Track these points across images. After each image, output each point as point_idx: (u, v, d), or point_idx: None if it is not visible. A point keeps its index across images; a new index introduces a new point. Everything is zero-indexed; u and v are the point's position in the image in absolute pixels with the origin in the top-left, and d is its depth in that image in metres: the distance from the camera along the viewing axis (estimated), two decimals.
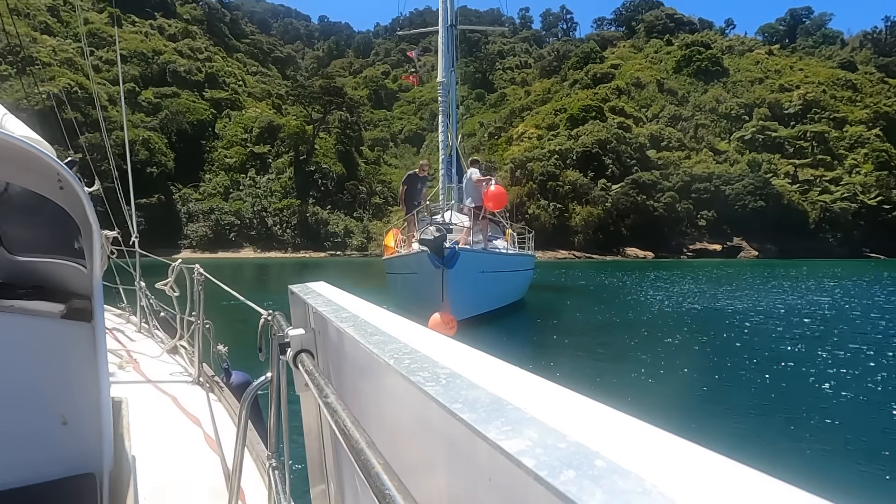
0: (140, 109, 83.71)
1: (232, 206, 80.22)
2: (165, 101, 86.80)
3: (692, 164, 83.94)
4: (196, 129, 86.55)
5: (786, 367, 8.71)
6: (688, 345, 10.82)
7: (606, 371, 8.55)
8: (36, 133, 2.16)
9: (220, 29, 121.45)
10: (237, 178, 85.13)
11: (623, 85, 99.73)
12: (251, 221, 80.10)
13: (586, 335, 12.09)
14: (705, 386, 7.71)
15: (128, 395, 3.20)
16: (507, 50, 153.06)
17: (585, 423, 0.48)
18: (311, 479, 1.59)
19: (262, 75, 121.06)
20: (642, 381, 7.78)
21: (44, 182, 2.07)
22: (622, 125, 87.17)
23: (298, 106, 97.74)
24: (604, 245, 75.60)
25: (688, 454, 0.41)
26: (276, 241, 79.98)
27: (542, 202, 75.94)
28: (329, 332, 1.32)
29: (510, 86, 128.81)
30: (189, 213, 78.79)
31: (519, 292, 17.05)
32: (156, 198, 72.71)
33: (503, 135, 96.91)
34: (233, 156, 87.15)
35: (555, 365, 9.05)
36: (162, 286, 4.28)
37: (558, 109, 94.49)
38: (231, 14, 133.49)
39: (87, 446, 2.25)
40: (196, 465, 2.62)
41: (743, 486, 0.36)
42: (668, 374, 8.28)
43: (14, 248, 2.46)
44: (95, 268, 2.18)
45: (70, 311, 2.27)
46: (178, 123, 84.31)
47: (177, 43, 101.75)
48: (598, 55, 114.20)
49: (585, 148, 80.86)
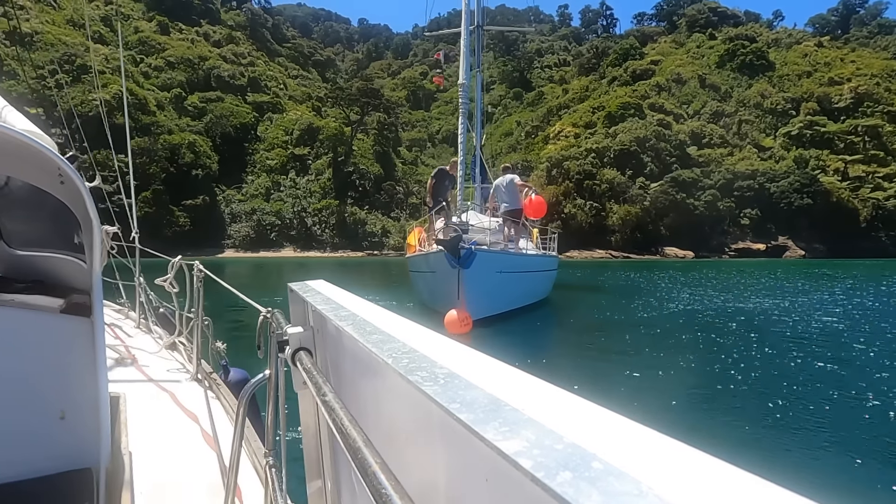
0: (186, 114, 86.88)
1: (273, 207, 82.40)
2: (210, 105, 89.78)
3: (735, 162, 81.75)
4: (239, 132, 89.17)
5: (824, 383, 7.65)
6: (711, 349, 10.21)
7: (614, 371, 8.48)
8: (39, 128, 2.17)
9: (263, 34, 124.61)
10: (278, 179, 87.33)
11: (663, 81, 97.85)
12: (291, 221, 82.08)
13: (602, 335, 12.01)
14: (724, 393, 7.13)
15: (126, 391, 3.29)
16: (546, 48, 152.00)
17: (583, 424, 0.48)
18: (307, 476, 1.58)
19: (303, 78, 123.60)
20: (651, 382, 7.68)
21: (44, 176, 2.07)
22: (662, 122, 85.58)
23: (337, 108, 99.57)
24: (642, 245, 74.48)
25: (684, 457, 0.41)
26: (315, 240, 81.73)
27: (579, 201, 75.35)
28: (328, 331, 1.31)
29: (548, 84, 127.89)
30: (232, 213, 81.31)
31: (541, 292, 17.12)
32: (200, 199, 75.32)
33: (540, 133, 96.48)
34: (274, 158, 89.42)
35: (563, 364, 9.14)
36: (161, 282, 4.29)
37: (596, 107, 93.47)
38: (273, 19, 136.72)
39: (84, 441, 2.26)
40: (193, 461, 2.61)
41: (739, 490, 0.36)
42: (680, 376, 8.04)
43: (14, 242, 2.49)
44: (95, 263, 2.19)
45: (69, 305, 2.28)
46: (222, 127, 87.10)
47: (221, 49, 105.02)
48: (638, 51, 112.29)
49: (623, 146, 79.78)
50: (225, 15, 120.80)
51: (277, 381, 1.41)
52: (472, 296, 11.64)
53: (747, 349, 10.04)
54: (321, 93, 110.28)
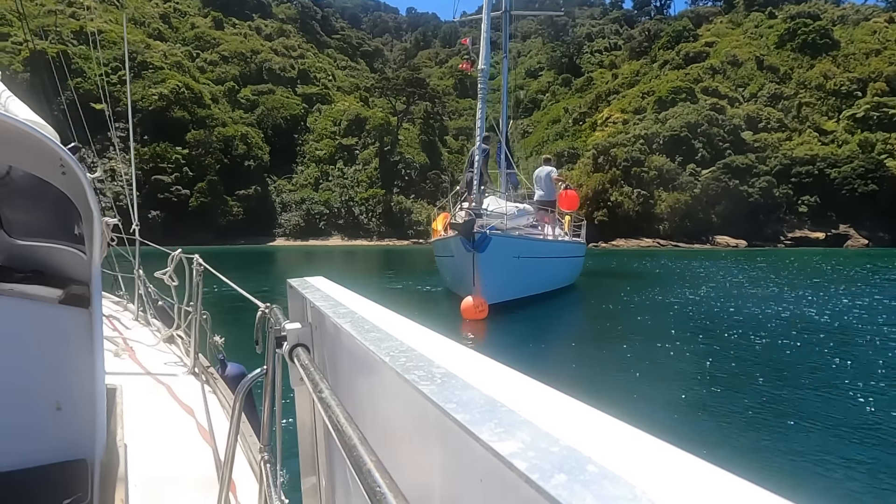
0: (239, 106, 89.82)
1: (321, 197, 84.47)
2: (262, 97, 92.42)
3: (793, 146, 78.14)
4: (289, 123, 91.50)
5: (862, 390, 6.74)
6: (742, 346, 9.32)
7: (620, 363, 8.26)
8: (40, 118, 2.17)
9: (312, 26, 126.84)
10: (326, 169, 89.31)
11: (718, 64, 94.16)
12: (339, 211, 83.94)
13: (621, 324, 11.71)
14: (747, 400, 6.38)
15: (122, 383, 3.28)
16: (596, 32, 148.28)
17: (579, 427, 0.48)
18: (302, 472, 1.60)
19: (351, 69, 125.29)
20: (652, 375, 7.40)
21: (46, 166, 2.07)
22: (715, 106, 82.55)
23: (384, 98, 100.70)
24: (691, 233, 72.48)
25: (679, 462, 0.41)
26: (362, 229, 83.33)
27: (626, 189, 73.89)
28: (326, 328, 1.32)
29: (597, 69, 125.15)
30: (283, 203, 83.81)
31: (565, 279, 17.16)
32: (253, 189, 77.90)
33: (587, 120, 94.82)
34: (322, 148, 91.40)
35: (573, 354, 9.15)
36: (161, 275, 4.30)
37: (646, 92, 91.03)
38: (322, 11, 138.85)
39: (79, 433, 2.25)
40: (188, 455, 2.61)
41: (732, 496, 0.36)
42: (684, 369, 7.71)
43: (14, 232, 2.49)
44: (95, 254, 2.20)
45: (68, 296, 2.28)
46: (273, 119, 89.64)
47: (273, 42, 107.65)
48: (692, 33, 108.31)
49: (673, 132, 77.59)
50: (276, 8, 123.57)
51: (274, 377, 1.41)
52: (488, 280, 11.69)
53: (792, 350, 9.12)
54: (368, 83, 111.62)
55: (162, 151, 70.52)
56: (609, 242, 71.57)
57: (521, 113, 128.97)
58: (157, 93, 73.22)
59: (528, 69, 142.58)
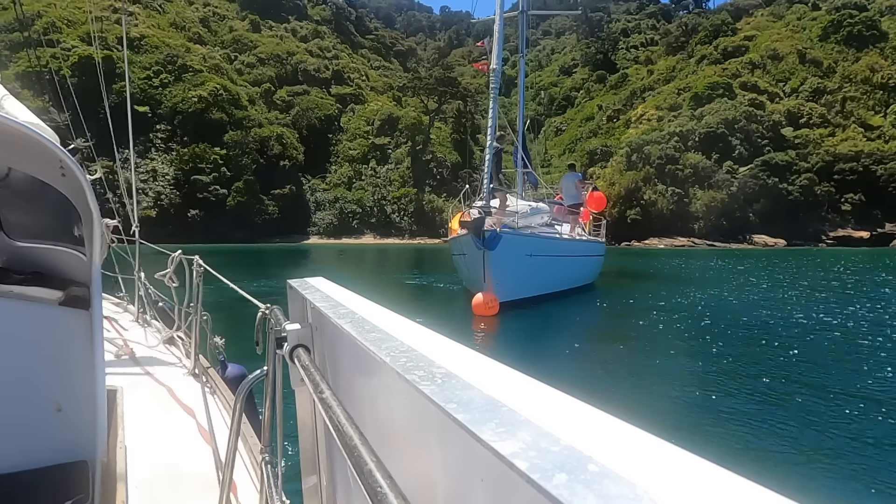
0: (275, 107, 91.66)
1: (354, 196, 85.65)
2: (297, 98, 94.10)
3: (836, 143, 75.59)
4: (323, 123, 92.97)
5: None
6: (761, 352, 8.81)
7: (630, 364, 8.24)
8: (39, 119, 2.17)
9: (347, 27, 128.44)
10: (359, 168, 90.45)
11: (757, 58, 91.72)
12: (371, 209, 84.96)
13: (635, 324, 11.60)
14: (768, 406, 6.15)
15: (123, 385, 3.30)
16: (632, 27, 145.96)
17: (579, 427, 0.48)
18: (303, 473, 1.59)
19: (385, 69, 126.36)
20: (656, 377, 7.27)
21: (45, 168, 2.06)
22: (754, 102, 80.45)
23: (416, 97, 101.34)
24: (728, 232, 70.90)
25: (680, 461, 0.41)
26: (394, 227, 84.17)
27: (660, 187, 72.78)
28: (326, 328, 1.31)
29: (633, 65, 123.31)
30: (317, 202, 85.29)
31: (582, 277, 17.17)
32: (288, 188, 79.49)
33: (621, 117, 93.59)
34: (356, 148, 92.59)
35: (579, 355, 9.18)
36: (161, 277, 4.28)
37: (682, 88, 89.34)
38: (357, 12, 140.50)
39: (80, 434, 2.25)
40: (189, 456, 2.60)
41: (733, 494, 0.36)
42: (688, 374, 7.49)
43: (14, 234, 2.49)
44: (95, 256, 2.20)
45: (68, 298, 2.29)
46: (307, 119, 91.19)
47: (308, 43, 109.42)
48: (731, 27, 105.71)
49: (710, 128, 75.99)
50: (312, 10, 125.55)
51: (275, 378, 1.41)
52: (499, 278, 11.86)
53: (832, 358, 8.47)
54: (401, 83, 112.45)
55: (201, 152, 72.57)
56: (642, 241, 70.65)
57: (555, 110, 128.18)
58: (197, 95, 75.40)
59: (562, 66, 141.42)
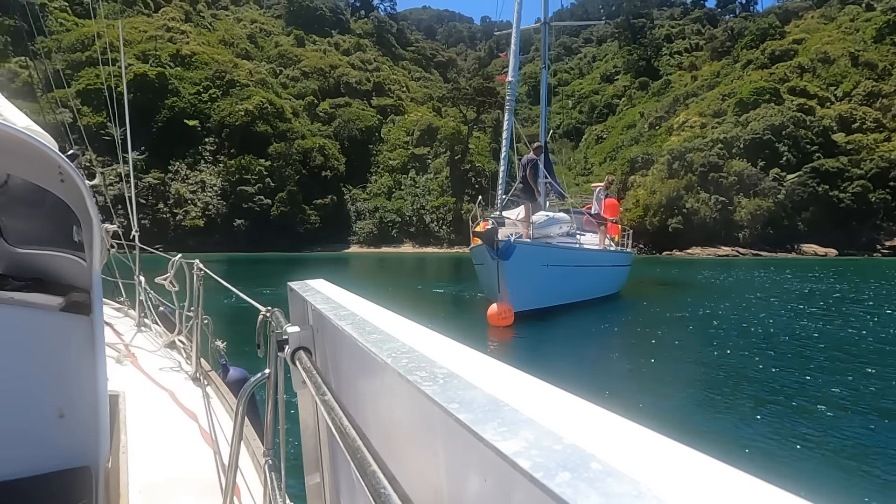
0: (317, 119, 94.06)
1: (394, 205, 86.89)
2: (339, 110, 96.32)
3: (892, 148, 72.33)
4: (364, 134, 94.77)
5: None
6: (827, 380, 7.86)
7: (637, 375, 8.13)
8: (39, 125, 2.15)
9: (388, 39, 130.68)
10: (399, 178, 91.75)
11: (807, 62, 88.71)
12: (411, 219, 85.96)
13: (655, 336, 11.37)
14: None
15: (125, 390, 3.31)
16: (676, 33, 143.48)
17: (582, 425, 0.48)
18: (306, 476, 1.59)
19: (425, 80, 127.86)
20: (676, 396, 6.98)
21: (45, 174, 2.06)
22: (803, 107, 77.78)
23: (455, 108, 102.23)
24: (775, 241, 68.62)
25: (683, 458, 0.41)
26: (432, 237, 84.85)
27: (703, 195, 71.11)
28: (327, 330, 1.31)
29: (676, 71, 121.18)
30: (357, 211, 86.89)
31: (605, 288, 17.08)
32: (329, 198, 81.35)
33: (663, 124, 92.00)
34: (396, 158, 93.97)
35: (592, 367, 9.15)
36: (161, 281, 4.28)
37: (726, 94, 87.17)
38: (398, 24, 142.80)
39: (83, 440, 2.25)
40: (192, 460, 2.60)
41: (737, 491, 0.36)
42: (704, 390, 7.21)
43: (14, 240, 2.50)
44: (95, 261, 2.19)
45: (69, 304, 2.28)
46: (349, 130, 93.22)
47: (350, 57, 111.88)
48: (778, 30, 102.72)
49: (755, 135, 73.83)
50: (354, 24, 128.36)
51: (277, 381, 1.41)
52: (514, 288, 11.99)
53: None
54: (441, 93, 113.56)
55: (246, 164, 75.09)
56: (684, 250, 69.15)
57: (596, 118, 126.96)
58: (243, 109, 78.13)
59: (604, 73, 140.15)
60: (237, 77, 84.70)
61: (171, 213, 70.15)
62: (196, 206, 71.29)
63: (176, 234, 67.31)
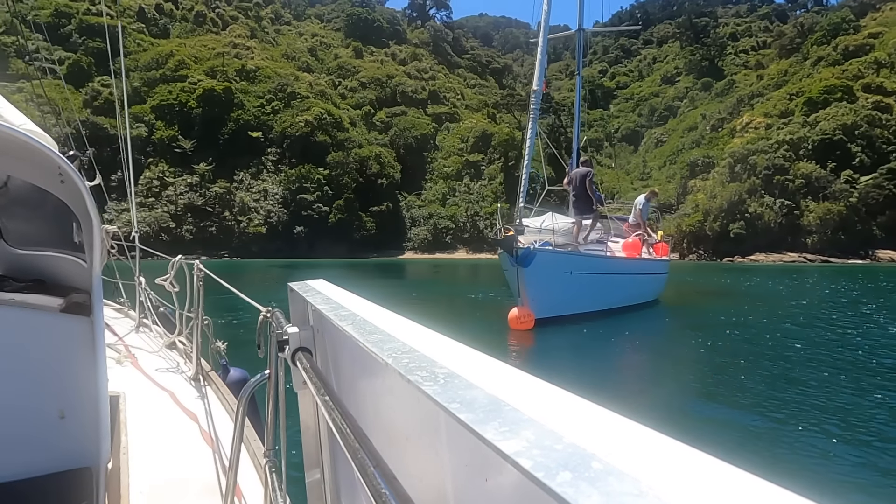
0: (374, 128, 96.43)
1: (448, 212, 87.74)
2: (395, 119, 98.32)
3: None
4: (419, 142, 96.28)
5: None
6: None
7: (654, 385, 8.06)
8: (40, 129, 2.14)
9: (444, 48, 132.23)
10: (453, 185, 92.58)
11: (884, 57, 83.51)
12: (464, 225, 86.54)
13: (685, 343, 11.19)
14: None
15: (125, 390, 3.32)
16: (742, 31, 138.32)
17: (583, 425, 0.48)
18: (307, 476, 1.59)
19: (480, 87, 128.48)
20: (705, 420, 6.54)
21: (45, 175, 2.06)
22: (879, 105, 73.30)
23: (510, 114, 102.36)
24: (846, 247, 64.86)
25: (684, 457, 0.41)
26: (486, 243, 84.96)
27: (767, 199, 68.18)
28: (328, 330, 1.31)
29: (741, 70, 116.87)
30: (412, 218, 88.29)
31: (637, 295, 16.84)
32: (385, 206, 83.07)
33: (726, 126, 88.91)
34: (450, 165, 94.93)
35: (606, 372, 9.14)
36: (161, 282, 4.27)
37: (794, 93, 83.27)
38: (454, 33, 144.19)
39: (84, 441, 2.24)
40: (193, 461, 2.60)
41: (739, 490, 0.36)
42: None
43: (14, 242, 2.49)
44: (95, 262, 2.19)
45: (69, 305, 2.28)
46: (404, 139, 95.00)
47: (406, 66, 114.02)
48: (852, 25, 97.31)
49: (825, 135, 70.18)
50: (411, 34, 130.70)
51: (277, 381, 1.41)
52: (535, 294, 12.24)
53: None
54: (496, 100, 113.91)
55: (306, 173, 77.82)
56: (746, 257, 66.48)
57: (656, 121, 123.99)
58: (303, 119, 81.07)
59: (664, 75, 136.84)
60: (298, 89, 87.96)
61: (235, 221, 73.64)
62: (259, 214, 74.52)
63: (240, 241, 71.44)
